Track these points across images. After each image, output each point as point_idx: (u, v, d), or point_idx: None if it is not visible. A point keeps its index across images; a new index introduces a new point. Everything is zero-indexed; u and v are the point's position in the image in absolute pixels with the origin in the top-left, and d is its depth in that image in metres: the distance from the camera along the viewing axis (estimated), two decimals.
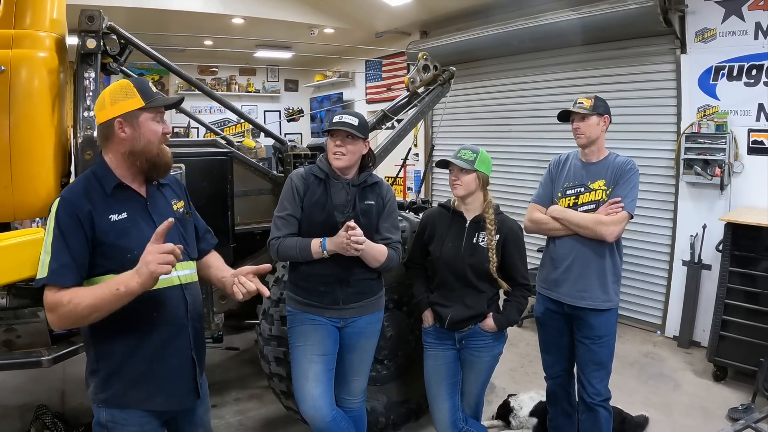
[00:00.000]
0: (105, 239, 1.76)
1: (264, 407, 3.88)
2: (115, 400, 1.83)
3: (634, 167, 2.84)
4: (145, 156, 1.85)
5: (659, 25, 4.87)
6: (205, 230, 2.20)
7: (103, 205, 1.79)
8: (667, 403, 3.97)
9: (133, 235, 1.80)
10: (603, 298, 2.83)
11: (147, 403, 1.86)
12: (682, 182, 5.03)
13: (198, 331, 2.01)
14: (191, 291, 1.97)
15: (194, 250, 2.08)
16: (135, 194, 1.89)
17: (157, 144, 1.86)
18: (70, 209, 1.74)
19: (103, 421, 1.84)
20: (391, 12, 7.49)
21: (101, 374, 1.84)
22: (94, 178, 1.84)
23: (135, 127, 1.83)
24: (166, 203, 1.99)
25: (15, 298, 2.81)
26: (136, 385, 1.83)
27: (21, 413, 3.64)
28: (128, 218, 1.82)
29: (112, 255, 1.77)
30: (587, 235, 2.80)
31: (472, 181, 2.68)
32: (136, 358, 1.83)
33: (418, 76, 4.33)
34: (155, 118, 1.87)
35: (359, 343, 2.67)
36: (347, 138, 2.51)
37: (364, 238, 2.40)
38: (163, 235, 1.68)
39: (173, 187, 2.07)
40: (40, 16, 2.78)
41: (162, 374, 1.87)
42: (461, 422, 2.85)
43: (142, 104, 1.83)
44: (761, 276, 4.08)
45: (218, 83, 10.97)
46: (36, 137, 2.70)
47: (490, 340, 2.77)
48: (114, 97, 1.83)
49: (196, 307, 2.00)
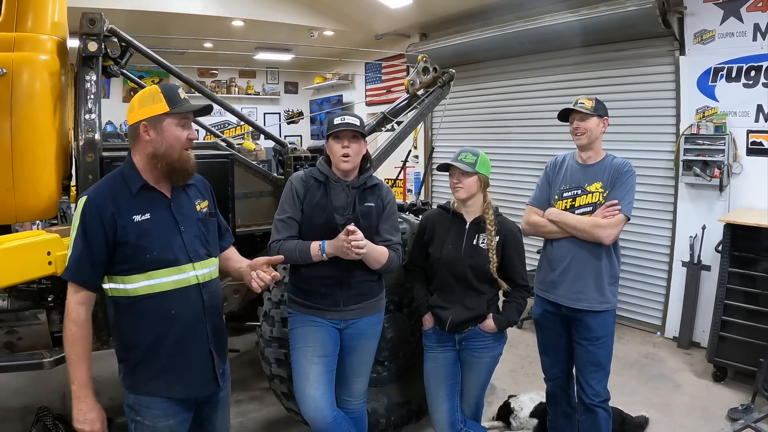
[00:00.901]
0: (127, 239, 1.87)
1: (265, 409, 3.88)
2: (139, 388, 1.97)
3: (631, 169, 2.84)
4: (165, 160, 1.93)
5: (658, 26, 4.89)
6: (226, 229, 2.30)
7: (127, 206, 1.90)
8: (667, 404, 3.98)
9: (154, 237, 1.91)
10: (600, 300, 2.84)
11: (168, 391, 1.98)
12: (681, 183, 5.04)
13: (216, 325, 2.10)
14: (209, 289, 2.06)
15: (216, 248, 2.16)
16: (160, 195, 1.99)
17: (179, 149, 1.95)
18: (95, 210, 1.86)
19: (131, 403, 2.00)
20: (390, 14, 7.50)
21: (127, 363, 1.99)
22: (121, 178, 1.95)
23: (158, 131, 1.93)
24: (189, 203, 2.07)
25: (16, 300, 2.82)
26: (158, 376, 1.96)
27: (22, 415, 3.65)
28: (151, 219, 1.92)
29: (133, 255, 1.89)
30: (584, 238, 2.81)
31: (473, 183, 2.68)
32: (156, 351, 1.95)
33: (417, 78, 4.34)
34: (179, 124, 1.95)
35: (360, 345, 2.67)
36: (352, 139, 2.51)
37: (366, 242, 2.41)
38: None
39: (198, 187, 2.16)
40: (41, 19, 2.80)
41: (181, 366, 1.99)
42: (460, 423, 2.86)
43: (167, 109, 1.91)
44: (760, 277, 4.08)
45: (218, 86, 10.98)
46: (37, 140, 2.71)
47: (490, 341, 2.77)
48: (143, 101, 1.94)
49: (214, 303, 2.10)
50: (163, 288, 1.92)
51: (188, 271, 1.97)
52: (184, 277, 1.96)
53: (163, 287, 1.92)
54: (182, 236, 1.98)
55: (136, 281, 1.90)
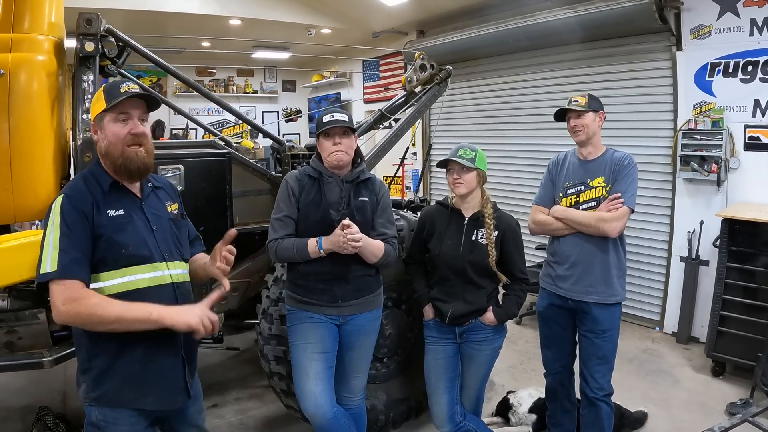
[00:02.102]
0: (103, 233, 1.81)
1: (265, 406, 3.89)
2: (106, 399, 1.84)
3: (632, 162, 2.86)
4: (109, 157, 1.89)
5: (655, 22, 4.90)
6: (195, 236, 2.24)
7: (102, 201, 1.86)
8: (666, 399, 3.99)
9: (129, 231, 1.87)
10: (608, 293, 2.86)
11: (138, 402, 1.87)
12: (678, 179, 5.05)
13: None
14: (182, 290, 2.00)
15: (187, 251, 2.12)
16: (130, 193, 1.96)
17: (119, 145, 1.87)
18: (75, 204, 1.80)
19: (95, 420, 1.85)
20: (387, 12, 7.51)
21: (93, 372, 1.85)
22: (91, 176, 1.91)
23: (101, 129, 1.90)
24: (160, 204, 2.05)
25: (16, 299, 2.82)
26: (128, 384, 1.84)
27: (23, 415, 3.65)
28: (125, 215, 1.89)
29: (108, 249, 1.82)
30: (590, 232, 2.83)
31: (473, 179, 2.70)
32: (127, 356, 1.84)
33: (415, 75, 4.35)
34: (117, 119, 1.88)
35: (358, 341, 2.69)
36: (343, 135, 2.55)
37: (361, 235, 2.43)
38: (213, 303, 1.83)
39: (167, 191, 2.14)
40: (38, 19, 2.79)
41: (153, 373, 1.88)
42: (459, 416, 2.87)
43: (104, 106, 1.87)
44: (759, 271, 4.10)
45: (216, 84, 10.97)
46: (35, 140, 2.71)
47: (491, 334, 2.79)
48: (92, 103, 1.93)
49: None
50: (138, 285, 1.85)
51: (163, 269, 1.91)
52: (159, 275, 1.90)
53: (138, 284, 1.85)
54: (155, 235, 1.93)
55: (110, 278, 1.81)
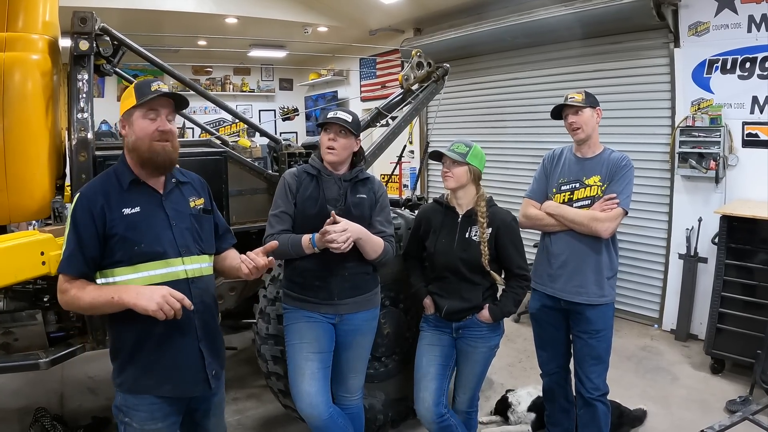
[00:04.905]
0: (116, 231, 1.88)
1: (262, 406, 3.88)
2: (127, 386, 1.96)
3: (629, 163, 2.84)
4: (136, 152, 1.95)
5: (652, 19, 4.88)
6: (226, 229, 2.28)
7: (117, 200, 1.92)
8: (665, 397, 3.98)
9: (143, 229, 1.92)
10: (599, 294, 2.84)
11: (156, 389, 1.96)
12: (677, 176, 5.05)
13: (207, 323, 2.07)
14: (199, 285, 2.04)
15: (210, 246, 2.14)
16: (150, 189, 2.00)
17: (147, 140, 1.94)
18: (85, 204, 1.89)
19: (118, 404, 1.99)
20: (384, 9, 7.50)
21: (119, 360, 1.98)
22: (113, 175, 1.98)
23: (130, 124, 1.96)
24: (183, 200, 2.08)
25: (12, 301, 2.81)
26: (146, 373, 1.95)
27: (20, 416, 3.64)
28: (141, 212, 1.94)
29: (120, 247, 1.89)
30: (582, 231, 2.81)
31: (463, 174, 2.70)
32: (144, 347, 1.94)
33: (412, 73, 4.34)
34: (146, 116, 1.94)
35: (355, 341, 2.68)
36: (340, 133, 2.55)
37: (350, 230, 2.40)
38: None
39: (194, 185, 2.17)
40: (32, 18, 2.78)
41: (170, 364, 1.97)
42: (444, 408, 2.81)
43: (135, 102, 1.93)
44: (757, 268, 4.10)
45: (213, 83, 10.93)
46: (30, 140, 2.70)
47: (486, 331, 2.77)
48: (122, 98, 1.99)
49: (205, 300, 2.06)
50: (151, 281, 1.90)
51: (177, 265, 1.96)
52: (172, 271, 1.95)
53: (151, 280, 1.90)
54: (173, 230, 1.98)
55: (123, 274, 1.89)
